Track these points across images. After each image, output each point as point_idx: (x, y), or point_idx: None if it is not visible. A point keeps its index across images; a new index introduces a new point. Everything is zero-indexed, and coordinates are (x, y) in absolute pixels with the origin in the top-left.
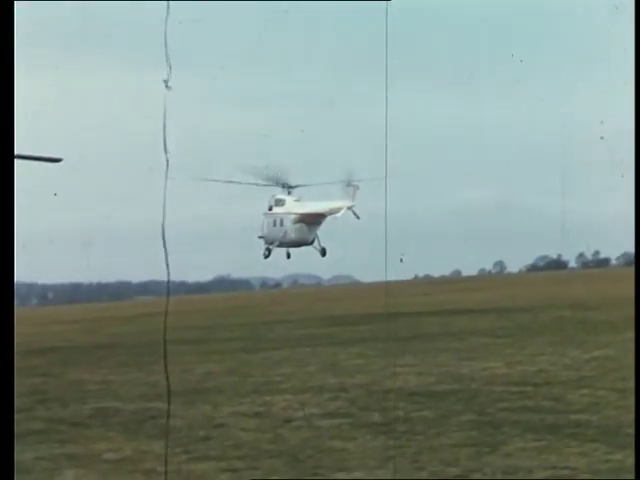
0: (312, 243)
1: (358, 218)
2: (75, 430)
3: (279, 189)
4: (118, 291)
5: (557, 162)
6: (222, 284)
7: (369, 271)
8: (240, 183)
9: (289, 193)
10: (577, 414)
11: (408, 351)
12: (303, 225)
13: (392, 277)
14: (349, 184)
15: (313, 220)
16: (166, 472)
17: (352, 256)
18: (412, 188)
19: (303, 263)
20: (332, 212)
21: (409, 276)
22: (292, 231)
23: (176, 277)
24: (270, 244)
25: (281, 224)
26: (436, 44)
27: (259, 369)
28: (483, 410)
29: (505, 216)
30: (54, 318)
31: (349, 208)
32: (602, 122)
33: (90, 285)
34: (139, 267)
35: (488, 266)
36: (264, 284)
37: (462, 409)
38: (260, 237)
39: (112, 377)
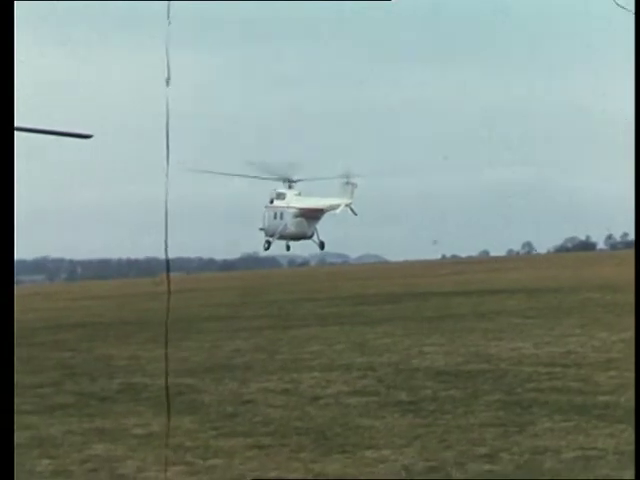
0: (311, 237)
1: (355, 215)
2: (104, 405)
3: (281, 183)
4: (146, 267)
5: (588, 145)
6: (249, 262)
7: (396, 250)
8: (247, 176)
9: (290, 187)
10: (605, 395)
11: (436, 331)
12: (303, 219)
13: (420, 257)
14: (347, 182)
15: (312, 215)
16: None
17: (379, 235)
18: (441, 169)
19: (330, 241)
20: (331, 208)
21: (436, 256)
22: (292, 225)
23: (205, 255)
24: (270, 236)
25: (281, 217)
26: (467, 28)
27: (287, 346)
28: (511, 390)
29: (535, 197)
30: (83, 294)
31: (347, 205)
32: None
33: (119, 261)
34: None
35: (517, 247)
36: (292, 262)
37: (490, 389)
38: (261, 229)
39: (140, 353)
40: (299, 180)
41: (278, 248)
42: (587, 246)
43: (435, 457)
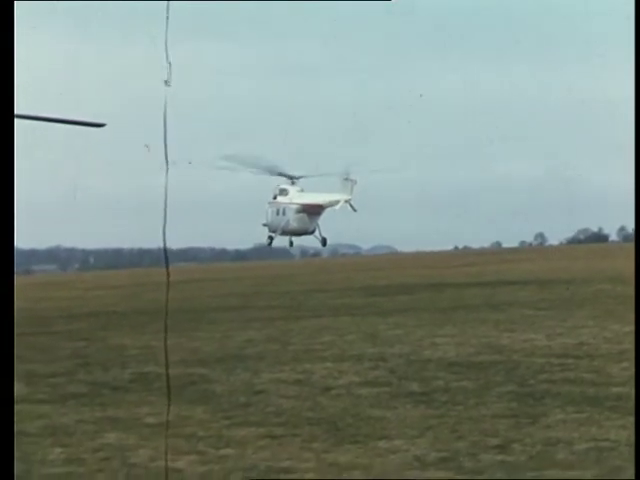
0: (313, 233)
1: (355, 211)
2: (116, 394)
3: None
4: (159, 257)
5: (600, 136)
6: (262, 252)
7: (408, 241)
8: (252, 172)
9: (293, 183)
10: (618, 387)
11: (448, 322)
12: (304, 215)
13: (431, 248)
14: (347, 178)
15: (313, 211)
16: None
17: (392, 226)
18: (454, 159)
19: (343, 232)
20: (331, 204)
21: (449, 247)
22: (293, 220)
23: (217, 245)
24: (273, 232)
25: (284, 213)
26: (481, 22)
27: (299, 337)
28: (524, 381)
29: (547, 188)
30: (95, 283)
31: (346, 201)
32: None
33: (131, 251)
34: (179, 234)
35: (529, 238)
36: (304, 253)
37: (502, 380)
38: (264, 225)
39: (153, 342)
40: (301, 177)
41: (287, 240)
42: (599, 238)
43: (447, 448)
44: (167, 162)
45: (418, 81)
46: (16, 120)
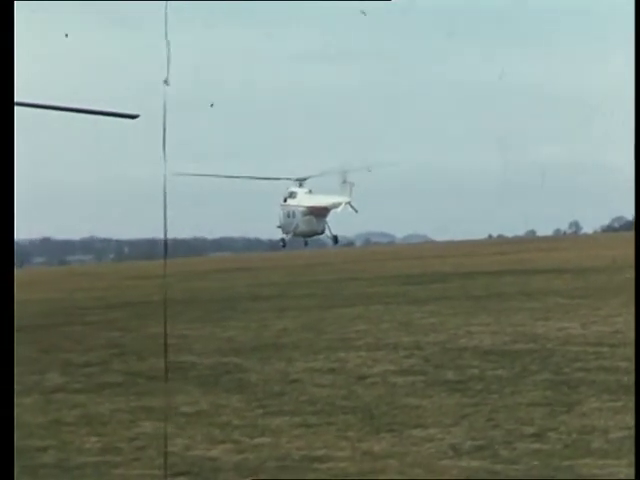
0: (322, 233)
1: (357, 212)
2: (152, 383)
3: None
4: (193, 247)
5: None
6: (294, 242)
7: (443, 230)
8: (260, 179)
9: (301, 185)
10: None
11: (483, 310)
12: (312, 217)
13: (466, 237)
14: (345, 181)
15: (320, 212)
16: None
17: (426, 216)
18: (488, 146)
19: (376, 221)
20: (334, 206)
21: (483, 236)
22: (302, 223)
23: (251, 235)
24: (286, 234)
25: (293, 216)
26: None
27: (333, 326)
28: (559, 370)
29: (583, 176)
30: (130, 273)
31: (347, 203)
32: None
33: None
34: (213, 224)
35: (563, 226)
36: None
37: (537, 369)
38: (278, 227)
39: (188, 332)
40: (308, 177)
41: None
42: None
43: (483, 436)
44: (164, 156)
45: (455, 68)
46: (50, 112)
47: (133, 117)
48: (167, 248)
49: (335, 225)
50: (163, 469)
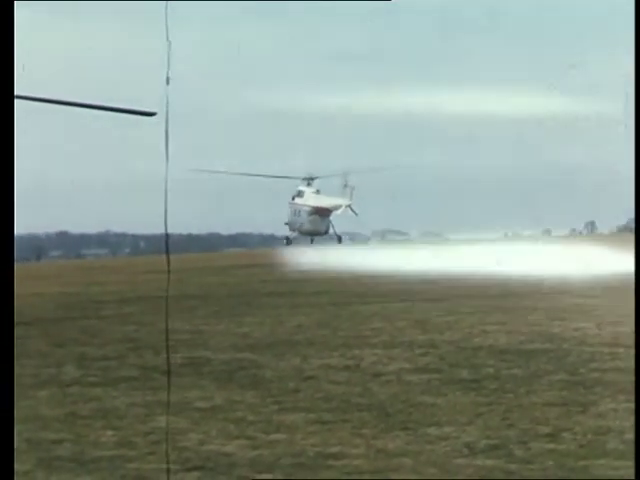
0: (326, 233)
1: (357, 215)
2: (167, 378)
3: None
4: (208, 243)
5: None
6: (309, 239)
7: (458, 228)
8: (267, 176)
9: (309, 184)
10: None
11: (498, 309)
12: (317, 217)
13: (481, 235)
14: (346, 185)
15: (324, 213)
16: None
17: (441, 214)
18: (502, 145)
19: (391, 219)
20: (335, 208)
21: (498, 234)
22: (307, 222)
23: (266, 231)
24: (292, 231)
25: (299, 215)
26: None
27: (348, 323)
28: (574, 370)
29: (600, 175)
30: (146, 268)
31: (347, 206)
32: None
33: (180, 236)
34: (229, 220)
35: (579, 226)
36: (352, 239)
37: (553, 368)
38: (286, 224)
39: (203, 327)
40: (317, 177)
41: (339, 226)
42: None
43: (497, 435)
44: (167, 156)
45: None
46: (66, 108)
47: (151, 115)
48: (168, 245)
49: (353, 221)
50: (177, 463)
